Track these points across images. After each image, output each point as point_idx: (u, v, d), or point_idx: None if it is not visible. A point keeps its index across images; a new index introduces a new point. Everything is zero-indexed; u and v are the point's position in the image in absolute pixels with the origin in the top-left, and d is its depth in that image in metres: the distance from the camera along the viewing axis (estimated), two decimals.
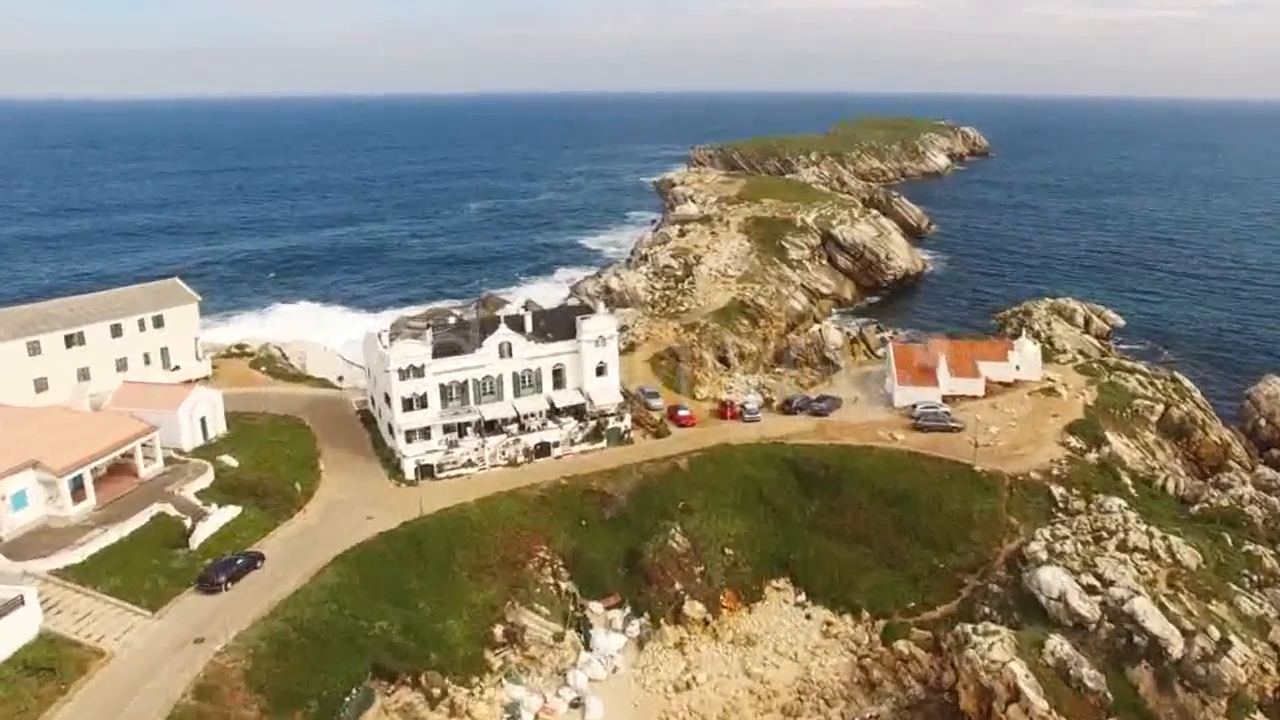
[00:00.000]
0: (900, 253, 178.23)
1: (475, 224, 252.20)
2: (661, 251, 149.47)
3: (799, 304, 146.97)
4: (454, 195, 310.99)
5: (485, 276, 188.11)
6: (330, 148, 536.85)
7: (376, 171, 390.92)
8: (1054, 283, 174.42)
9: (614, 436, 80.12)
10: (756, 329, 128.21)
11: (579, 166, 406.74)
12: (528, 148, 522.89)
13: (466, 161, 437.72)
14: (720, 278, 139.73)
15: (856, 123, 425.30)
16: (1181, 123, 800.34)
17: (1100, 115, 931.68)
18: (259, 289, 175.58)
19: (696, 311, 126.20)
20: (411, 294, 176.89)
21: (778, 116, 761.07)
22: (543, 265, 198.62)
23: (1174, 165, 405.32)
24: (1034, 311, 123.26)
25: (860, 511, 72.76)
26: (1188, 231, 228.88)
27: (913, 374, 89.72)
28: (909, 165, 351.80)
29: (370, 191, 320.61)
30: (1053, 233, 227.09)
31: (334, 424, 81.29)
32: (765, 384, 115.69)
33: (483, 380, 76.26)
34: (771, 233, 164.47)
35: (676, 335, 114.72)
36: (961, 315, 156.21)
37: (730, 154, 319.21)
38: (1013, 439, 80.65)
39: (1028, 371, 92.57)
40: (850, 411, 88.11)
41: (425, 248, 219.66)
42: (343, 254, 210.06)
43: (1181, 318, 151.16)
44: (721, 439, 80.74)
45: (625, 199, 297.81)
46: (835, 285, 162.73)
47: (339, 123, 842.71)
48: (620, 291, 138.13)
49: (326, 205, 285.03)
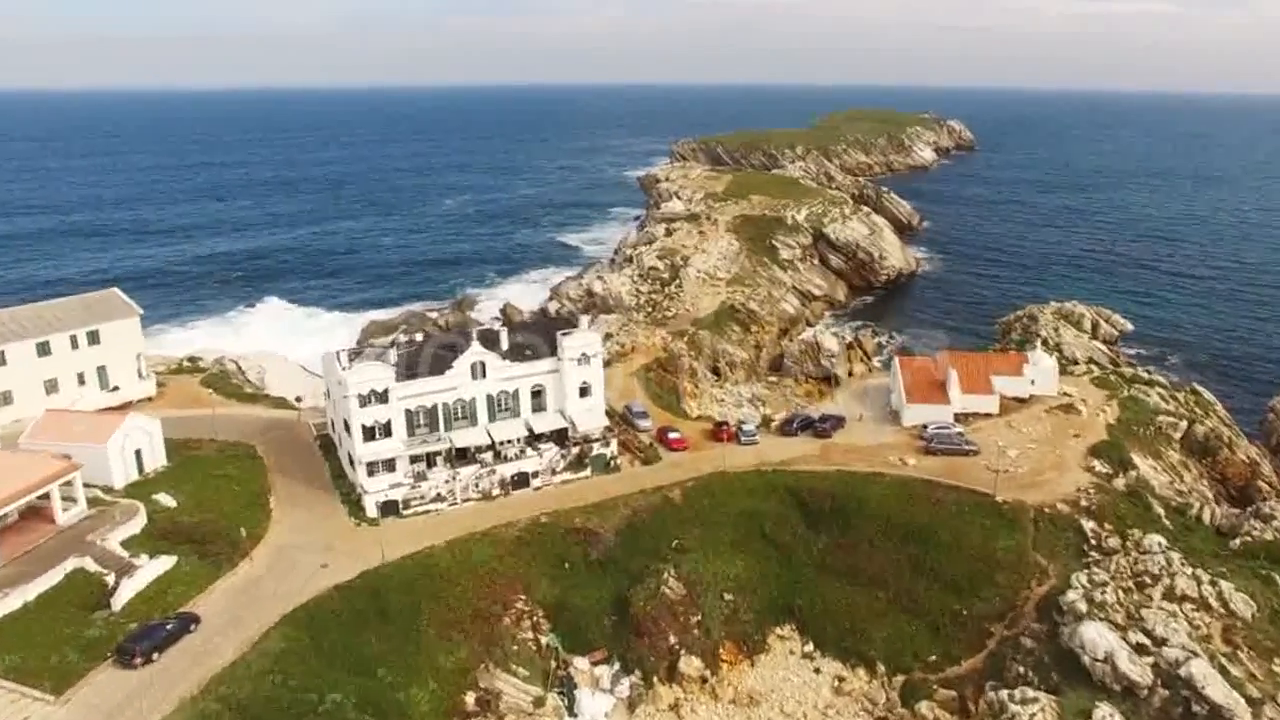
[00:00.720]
0: (893, 252, 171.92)
1: (452, 221, 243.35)
2: (647, 252, 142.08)
3: (791, 307, 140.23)
4: (430, 190, 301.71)
5: (462, 277, 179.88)
6: (303, 141, 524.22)
7: (350, 167, 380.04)
8: (1051, 284, 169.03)
9: (599, 464, 72.78)
10: (748, 335, 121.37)
11: (559, 161, 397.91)
12: (506, 142, 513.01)
13: (443, 156, 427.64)
14: (709, 280, 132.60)
15: (840, 116, 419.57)
16: (1161, 115, 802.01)
17: (1079, 108, 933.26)
18: (222, 292, 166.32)
19: (685, 317, 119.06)
20: (385, 295, 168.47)
21: (757, 109, 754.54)
22: (521, 264, 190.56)
23: (1159, 159, 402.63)
24: (1039, 317, 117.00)
25: (872, 549, 65.93)
26: (1181, 228, 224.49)
27: (922, 390, 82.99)
28: (895, 159, 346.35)
29: (343, 187, 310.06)
30: (1044, 230, 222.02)
31: (290, 451, 73.35)
32: (759, 396, 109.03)
33: (454, 404, 68.60)
34: (761, 232, 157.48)
35: (665, 344, 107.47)
36: (958, 317, 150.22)
37: (714, 148, 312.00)
38: (1033, 463, 74.10)
39: (1044, 386, 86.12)
40: (855, 431, 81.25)
41: (400, 246, 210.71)
42: (313, 254, 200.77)
43: (1186, 322, 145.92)
44: (717, 465, 73.61)
45: (606, 194, 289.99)
46: (828, 286, 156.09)
47: (313, 116, 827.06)
48: (603, 295, 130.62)
49: (297, 202, 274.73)
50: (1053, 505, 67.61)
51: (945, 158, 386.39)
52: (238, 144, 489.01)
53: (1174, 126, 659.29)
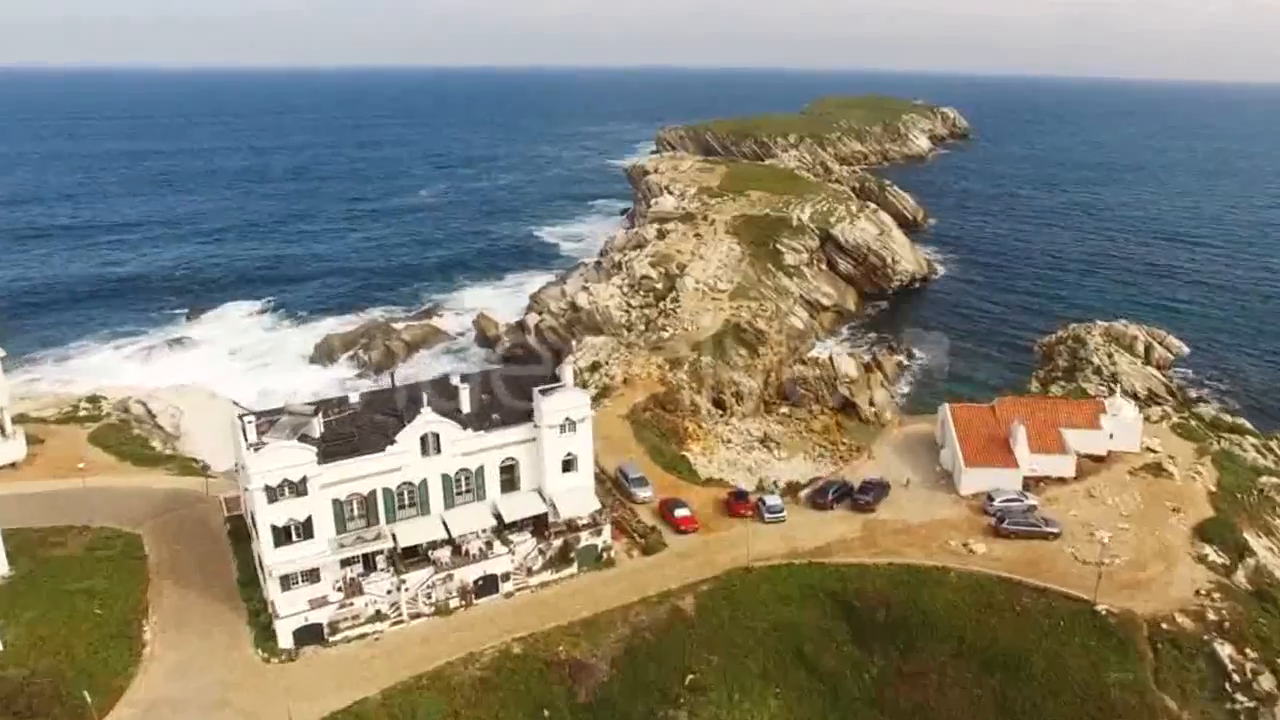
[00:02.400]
0: (905, 254, 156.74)
1: (425, 214, 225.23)
2: (638, 259, 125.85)
3: (800, 321, 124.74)
4: (404, 179, 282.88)
5: (432, 278, 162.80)
6: (269, 126, 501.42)
7: (319, 153, 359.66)
8: (1071, 292, 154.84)
9: (588, 558, 57.04)
10: (755, 358, 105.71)
11: (540, 147, 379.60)
12: (485, 127, 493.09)
13: (420, 142, 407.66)
14: (709, 293, 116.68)
15: (832, 102, 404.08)
16: (1156, 104, 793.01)
17: (1071, 96, 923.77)
18: (158, 303, 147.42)
19: (683, 339, 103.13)
20: (348, 298, 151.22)
21: (743, 94, 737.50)
22: (497, 265, 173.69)
23: (1159, 150, 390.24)
24: (1088, 340, 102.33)
25: (944, 680, 50.84)
26: (1197, 228, 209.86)
27: (981, 449, 67.79)
28: (891, 148, 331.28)
29: (311, 177, 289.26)
30: (1055, 231, 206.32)
31: (189, 541, 57.01)
32: (771, 435, 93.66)
33: (399, 489, 52.46)
34: (764, 234, 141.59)
35: (662, 375, 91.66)
36: (981, 332, 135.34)
37: (703, 135, 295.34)
38: (1132, 550, 59.18)
39: (1125, 441, 71.22)
40: (902, 502, 65.98)
41: (368, 241, 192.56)
42: (271, 253, 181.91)
43: (1226, 338, 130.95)
44: (736, 554, 58.18)
45: (588, 184, 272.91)
46: (837, 295, 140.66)
47: (281, 99, 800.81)
48: (589, 310, 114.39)
49: (259, 194, 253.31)
50: (1170, 617, 52.69)
51: (941, 146, 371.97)
52: (199, 128, 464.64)
53: (1171, 116, 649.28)
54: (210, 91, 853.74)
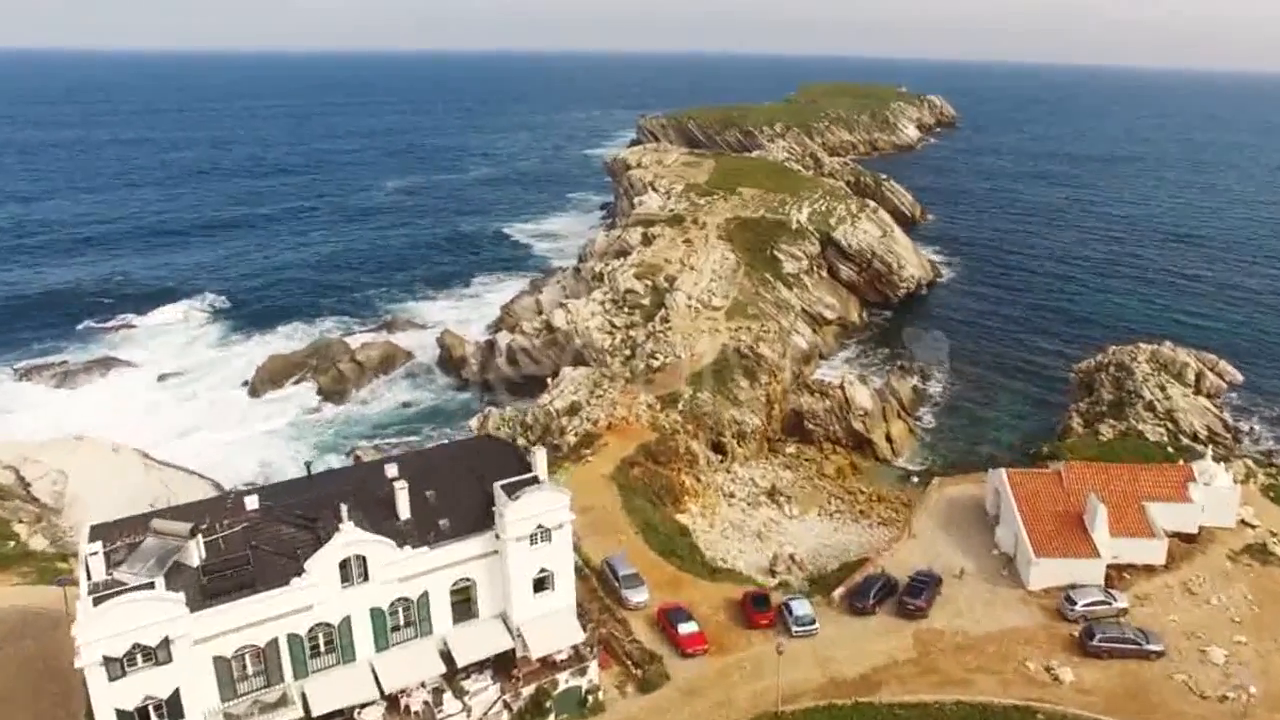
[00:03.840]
0: (909, 258, 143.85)
1: (388, 211, 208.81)
2: (621, 269, 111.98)
3: (804, 339, 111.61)
4: (369, 170, 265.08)
5: (390, 287, 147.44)
6: (229, 113, 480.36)
7: (280, 142, 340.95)
8: (1085, 298, 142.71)
9: (569, 704, 43.64)
10: (756, 387, 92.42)
11: (512, 137, 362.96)
12: (456, 115, 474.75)
13: (389, 130, 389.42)
14: (703, 310, 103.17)
15: (817, 89, 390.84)
16: (1136, 92, 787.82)
17: (1054, 83, 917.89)
18: (82, 317, 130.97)
19: (676, 369, 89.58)
20: (299, 309, 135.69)
21: (722, 80, 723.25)
22: (465, 268, 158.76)
23: (1151, 140, 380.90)
24: (1134, 369, 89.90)
25: None
26: (1204, 227, 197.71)
27: (1051, 532, 55.11)
28: (879, 137, 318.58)
29: (265, 170, 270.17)
30: (1058, 230, 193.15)
31: (23, 700, 42.67)
32: (781, 487, 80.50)
33: (309, 634, 38.68)
34: (761, 239, 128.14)
35: (653, 419, 78.18)
36: (996, 346, 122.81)
37: (685, 124, 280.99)
38: (1260, 675, 46.78)
39: (1217, 514, 58.90)
40: (959, 599, 53.23)
41: (323, 244, 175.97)
42: (214, 259, 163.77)
43: (1261, 363, 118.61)
44: (760, 688, 45.16)
45: (565, 177, 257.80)
46: (840, 305, 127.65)
47: (243, 84, 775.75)
48: (567, 331, 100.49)
49: (207, 192, 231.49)
50: None
51: (930, 135, 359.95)
52: (155, 116, 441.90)
53: (1160, 104, 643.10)
54: (173, 77, 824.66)
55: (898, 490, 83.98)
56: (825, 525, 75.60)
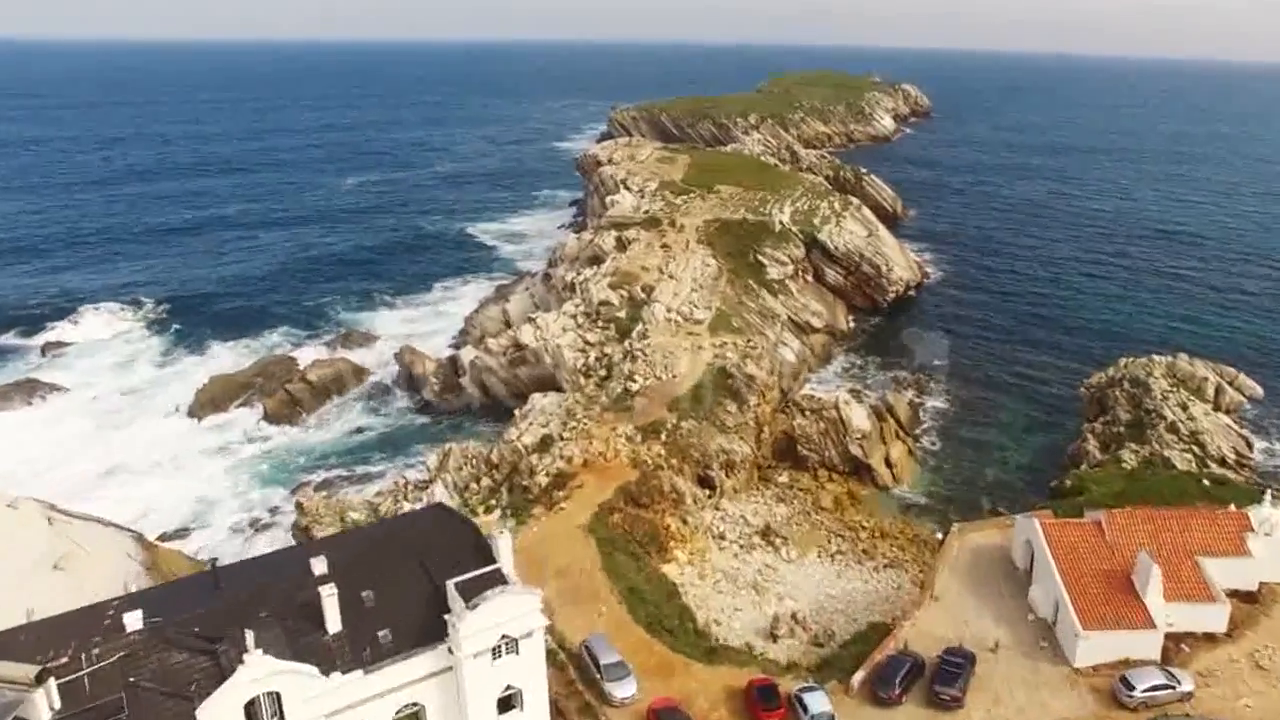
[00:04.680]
0: (898, 258, 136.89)
1: (345, 209, 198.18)
2: (594, 279, 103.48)
3: (792, 352, 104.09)
4: (329, 167, 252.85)
5: (347, 295, 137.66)
6: (187, 110, 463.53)
7: (227, 144, 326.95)
8: (1077, 300, 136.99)
9: None
10: (745, 410, 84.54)
11: (479, 130, 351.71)
12: (420, 107, 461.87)
13: (350, 125, 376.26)
14: (684, 323, 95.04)
15: (790, 79, 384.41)
16: (1106, 80, 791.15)
17: (1022, 71, 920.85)
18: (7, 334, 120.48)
19: (656, 391, 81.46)
20: (245, 320, 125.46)
21: (694, 70, 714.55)
22: (426, 273, 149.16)
23: (1128, 131, 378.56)
24: (1151, 384, 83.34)
25: None
26: (1189, 220, 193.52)
27: (1099, 600, 47.84)
28: (855, 129, 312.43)
29: (216, 168, 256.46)
30: (1043, 225, 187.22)
31: None
32: (775, 526, 72.78)
33: None
34: (742, 242, 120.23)
35: (633, 454, 70.02)
36: (993, 354, 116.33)
37: (657, 116, 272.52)
38: None
39: (1277, 566, 52.07)
40: (996, 679, 45.80)
41: (279, 243, 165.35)
42: (159, 266, 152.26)
43: (1266, 371, 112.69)
44: None
45: (533, 173, 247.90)
46: (827, 312, 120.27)
47: (197, 76, 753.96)
48: (537, 349, 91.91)
49: (153, 195, 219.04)
50: None
51: (905, 125, 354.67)
52: (95, 111, 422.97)
53: (1133, 94, 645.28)
54: (118, 69, 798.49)
55: (901, 522, 76.90)
56: (827, 569, 68.10)
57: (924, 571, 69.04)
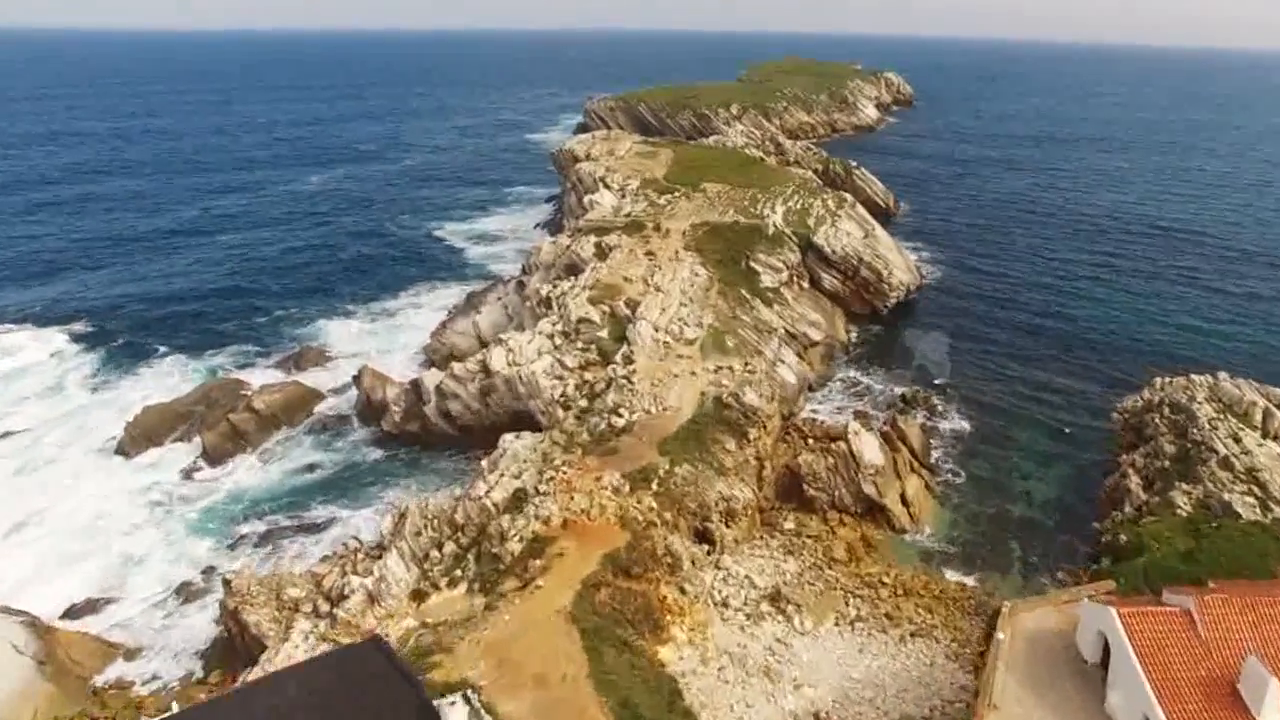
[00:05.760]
0: (896, 260, 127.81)
1: (305, 209, 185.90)
2: (573, 293, 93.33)
3: (791, 371, 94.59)
4: (291, 163, 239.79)
5: (303, 305, 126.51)
6: (142, 102, 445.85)
7: (182, 138, 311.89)
8: (1081, 303, 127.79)
9: None
10: (745, 446, 75.08)
11: (448, 121, 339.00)
12: (384, 100, 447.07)
13: (316, 119, 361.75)
14: (674, 344, 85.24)
15: (771, 67, 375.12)
16: (1085, 68, 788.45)
17: (995, 58, 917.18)
18: None
19: (645, 428, 71.67)
20: (185, 343, 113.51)
21: (671, 57, 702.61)
22: (389, 280, 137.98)
23: (1112, 121, 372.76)
24: (1195, 410, 74.77)
25: None
26: (1187, 215, 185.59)
27: (1197, 712, 38.87)
28: (839, 118, 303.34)
29: (168, 166, 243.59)
30: (1039, 221, 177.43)
31: None
32: (785, 591, 63.34)
33: None
34: (733, 247, 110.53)
35: (619, 507, 60.27)
36: (1000, 364, 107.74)
37: (635, 107, 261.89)
38: None
39: None
40: None
41: (233, 248, 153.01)
42: (94, 280, 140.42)
43: None
44: None
45: (505, 168, 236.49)
46: (826, 322, 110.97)
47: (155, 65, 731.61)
48: (508, 377, 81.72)
49: (96, 199, 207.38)
50: None
51: (888, 114, 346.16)
52: (34, 104, 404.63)
53: (1113, 82, 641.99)
54: (64, 59, 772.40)
55: (925, 575, 67.98)
56: (848, 642, 58.87)
57: (956, 639, 60.43)
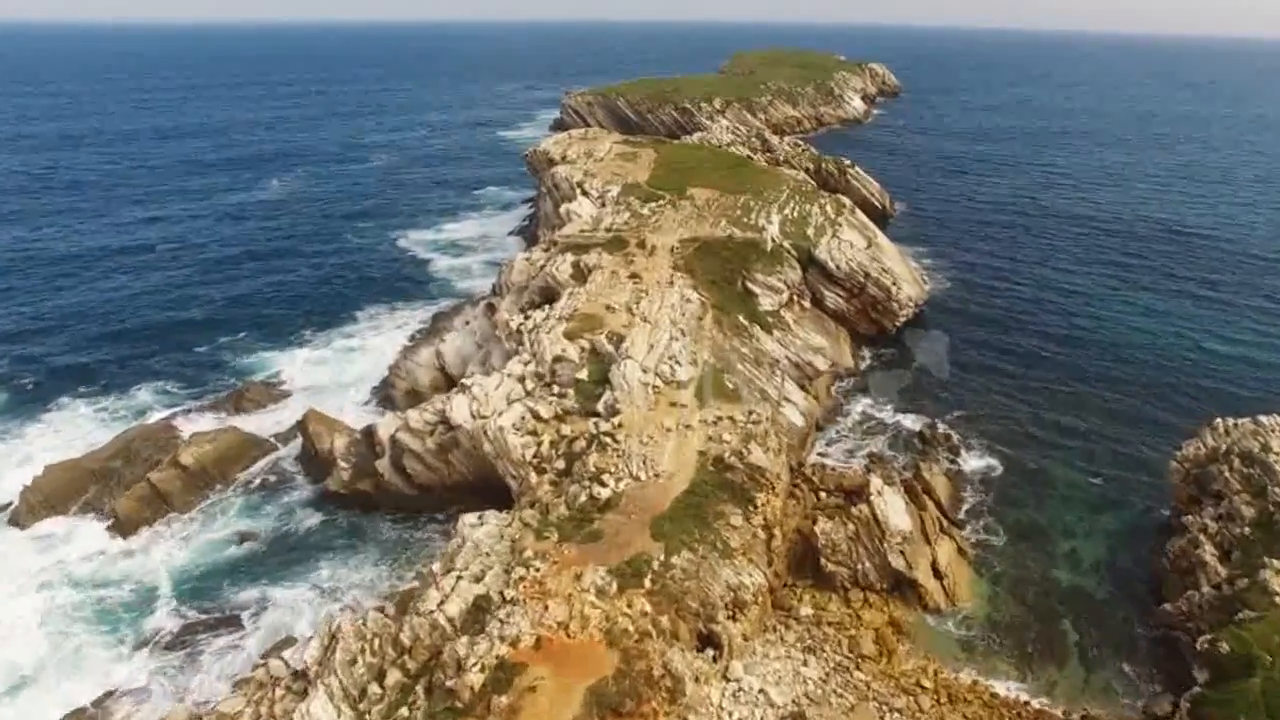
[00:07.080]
0: (903, 272, 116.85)
1: (259, 218, 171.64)
2: (546, 325, 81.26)
3: (797, 411, 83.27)
4: (246, 166, 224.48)
5: (244, 332, 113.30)
6: (81, 100, 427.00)
7: (121, 145, 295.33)
8: (1101, 321, 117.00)
9: None
10: (752, 515, 63.40)
11: (416, 117, 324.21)
12: (350, 95, 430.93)
13: (278, 120, 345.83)
14: (665, 387, 73.36)
15: (753, 58, 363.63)
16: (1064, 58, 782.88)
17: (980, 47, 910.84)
18: None
19: (634, 501, 59.84)
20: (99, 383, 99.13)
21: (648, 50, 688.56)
22: (345, 299, 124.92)
23: (1101, 113, 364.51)
24: (1271, 462, 64.14)
25: None
26: (1191, 214, 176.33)
27: None
28: (825, 111, 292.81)
29: (108, 175, 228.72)
30: (1041, 224, 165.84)
31: None
32: (807, 706, 51.89)
33: None
34: (728, 266, 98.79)
35: (606, 619, 48.51)
36: (1021, 389, 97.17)
37: (614, 102, 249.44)
38: None
39: None
40: None
41: (164, 268, 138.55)
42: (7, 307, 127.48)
43: None
44: None
45: (475, 168, 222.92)
46: (831, 348, 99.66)
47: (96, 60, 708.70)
48: (471, 432, 69.57)
49: (22, 214, 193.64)
50: None
51: (874, 106, 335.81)
52: None
53: (1096, 71, 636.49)
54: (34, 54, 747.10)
55: (969, 675, 57.02)
56: None
57: None
